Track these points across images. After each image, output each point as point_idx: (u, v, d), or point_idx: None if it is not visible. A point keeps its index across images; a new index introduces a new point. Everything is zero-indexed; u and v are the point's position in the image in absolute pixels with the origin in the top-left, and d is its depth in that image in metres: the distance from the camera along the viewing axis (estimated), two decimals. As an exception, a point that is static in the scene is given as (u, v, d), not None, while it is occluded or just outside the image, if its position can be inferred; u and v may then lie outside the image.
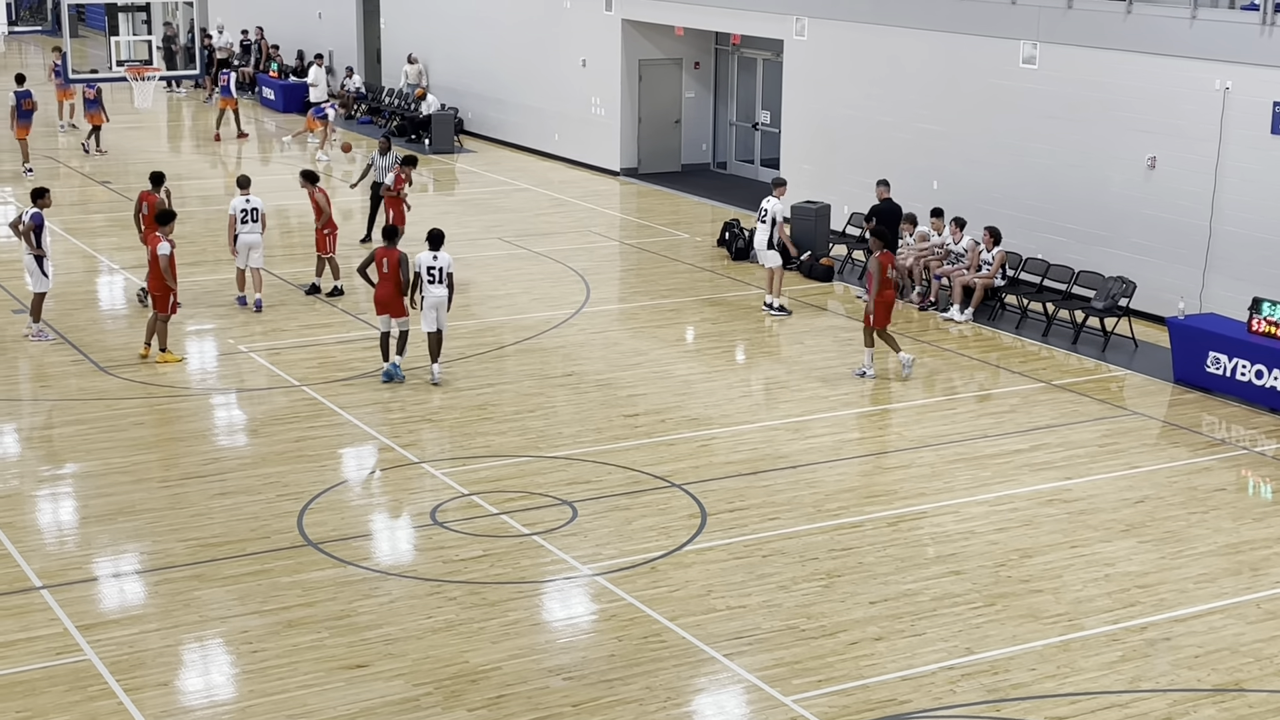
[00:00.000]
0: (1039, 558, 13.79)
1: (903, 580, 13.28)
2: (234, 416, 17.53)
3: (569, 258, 24.76)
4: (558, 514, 14.59)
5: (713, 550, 13.84)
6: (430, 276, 18.05)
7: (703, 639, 12.16)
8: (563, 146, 33.52)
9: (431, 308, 18.11)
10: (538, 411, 17.57)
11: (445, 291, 18.09)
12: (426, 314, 18.17)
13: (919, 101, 24.60)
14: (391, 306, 18.28)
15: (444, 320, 18.33)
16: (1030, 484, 15.56)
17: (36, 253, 19.59)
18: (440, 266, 18.04)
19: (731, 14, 28.71)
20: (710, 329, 21.16)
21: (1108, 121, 21.56)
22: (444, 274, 18.06)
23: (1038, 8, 22.38)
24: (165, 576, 13.17)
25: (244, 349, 19.64)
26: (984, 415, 17.74)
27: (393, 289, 18.20)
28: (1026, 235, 22.46)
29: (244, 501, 14.80)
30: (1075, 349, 20.22)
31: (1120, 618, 12.65)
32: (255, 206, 21.30)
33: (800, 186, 26.65)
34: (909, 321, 21.42)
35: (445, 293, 18.10)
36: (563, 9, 32.87)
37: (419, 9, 37.95)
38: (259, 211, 21.32)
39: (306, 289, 22.35)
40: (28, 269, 19.86)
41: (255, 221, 21.26)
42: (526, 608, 12.73)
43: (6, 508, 14.59)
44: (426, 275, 18.05)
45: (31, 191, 20.27)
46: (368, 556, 13.72)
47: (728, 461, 16.03)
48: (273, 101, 40.75)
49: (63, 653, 11.81)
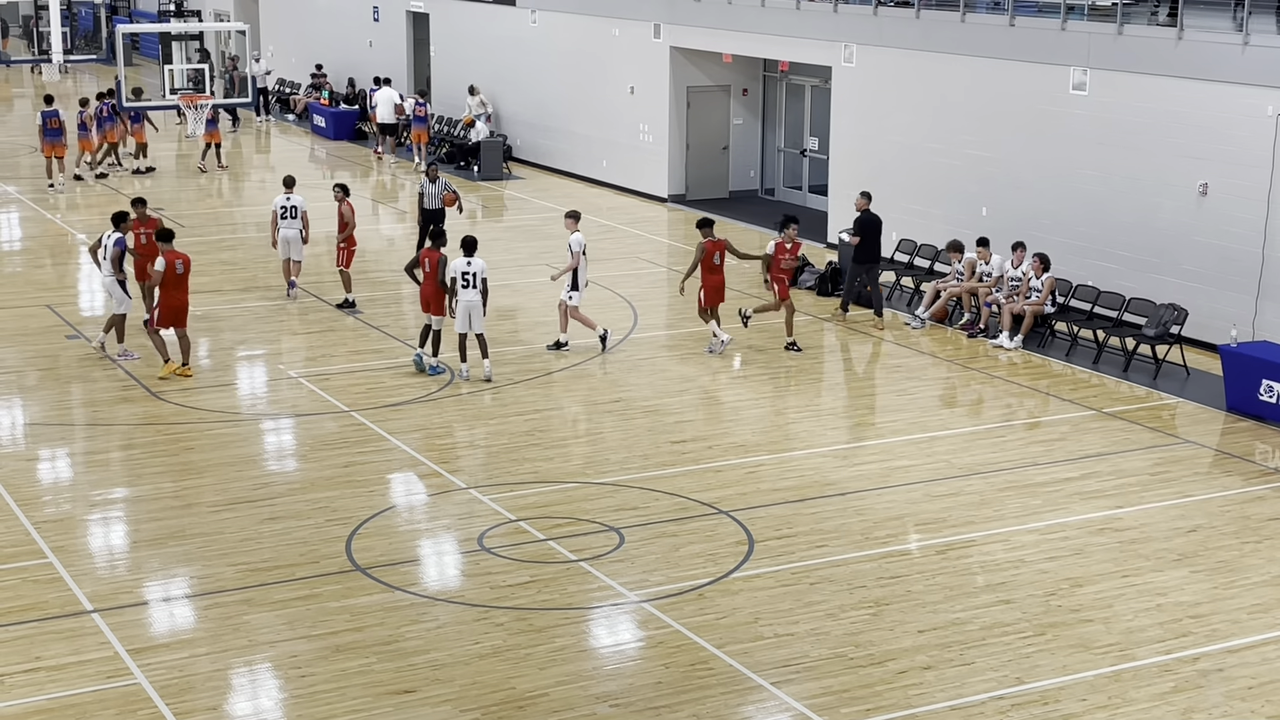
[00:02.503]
0: (1090, 587, 13.67)
1: (952, 609, 13.19)
2: (283, 442, 17.63)
3: (617, 284, 24.79)
4: (605, 540, 14.58)
5: (760, 577, 13.79)
6: (465, 281, 19.01)
7: (750, 667, 12.11)
8: (611, 173, 33.62)
9: (465, 311, 19.05)
10: (585, 437, 17.58)
11: (478, 296, 19.08)
12: (460, 317, 19.11)
13: (968, 128, 24.55)
14: (434, 304, 19.58)
15: (479, 324, 19.24)
16: (1081, 512, 15.44)
17: (119, 276, 20.10)
18: (474, 271, 19.09)
19: (780, 41, 28.74)
20: (757, 355, 21.13)
21: (1158, 148, 21.44)
22: (477, 279, 19.05)
23: (1087, 34, 22.31)
24: (215, 601, 13.25)
25: (294, 374, 19.76)
26: (1034, 443, 17.63)
27: (435, 288, 19.48)
28: (1077, 262, 22.34)
29: (293, 526, 14.87)
30: (1126, 376, 20.08)
31: (1172, 648, 12.53)
32: (295, 204, 23.15)
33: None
34: (958, 348, 21.34)
35: (478, 297, 19.09)
36: (611, 36, 33.00)
37: (469, 37, 38.17)
38: (298, 209, 23.11)
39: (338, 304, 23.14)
40: (108, 290, 20.29)
41: (294, 218, 23.09)
42: (573, 634, 12.73)
43: (59, 532, 14.72)
44: (461, 280, 19.03)
45: (113, 216, 20.82)
46: (416, 582, 13.75)
47: (775, 488, 15.99)
48: (324, 129, 41.04)
49: (113, 676, 11.89)
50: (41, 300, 23.30)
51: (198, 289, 23.58)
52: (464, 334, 19.27)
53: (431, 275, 19.48)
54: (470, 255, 19.12)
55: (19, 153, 37.54)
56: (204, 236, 27.93)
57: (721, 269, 20.86)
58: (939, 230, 24.15)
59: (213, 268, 25.40)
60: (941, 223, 24.24)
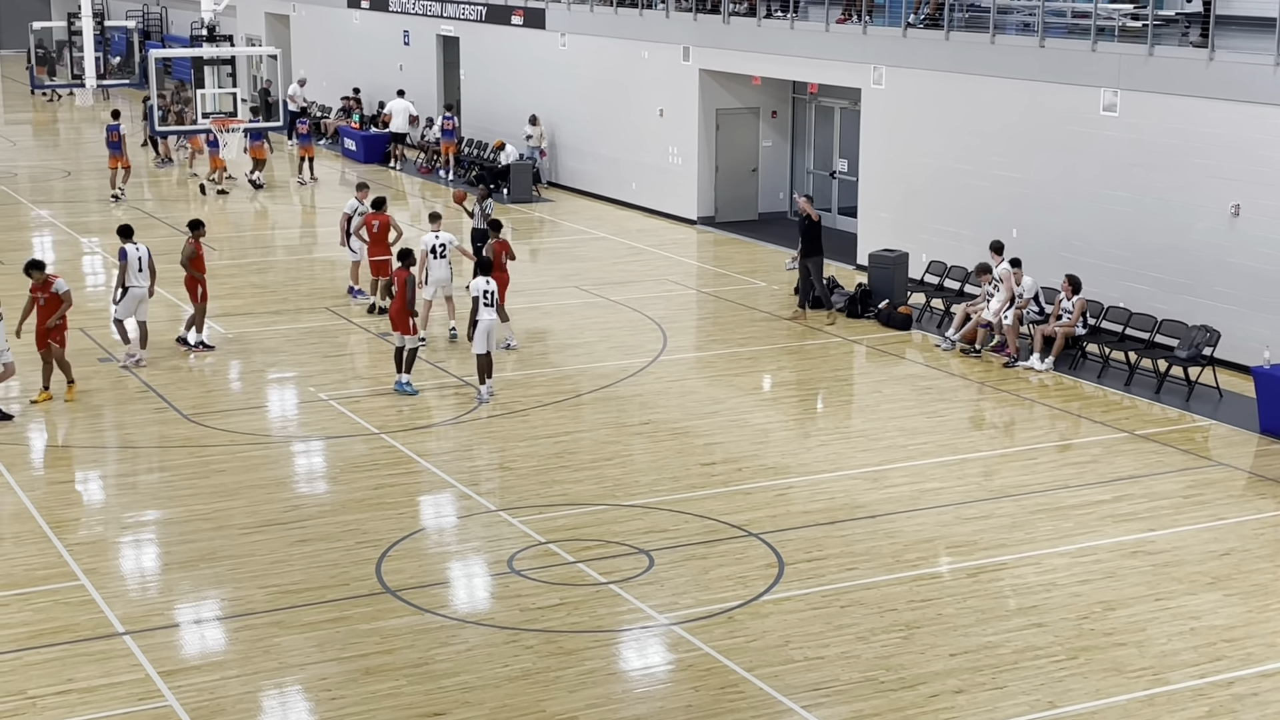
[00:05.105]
0: (1123, 610, 13.59)
1: (983, 632, 13.12)
2: (314, 464, 17.68)
3: (646, 306, 24.81)
4: (634, 563, 14.56)
5: (790, 600, 13.75)
6: (486, 300, 19.21)
7: (780, 690, 12.07)
8: (640, 195, 33.66)
9: (484, 331, 19.23)
10: (615, 460, 17.58)
11: (495, 315, 19.42)
12: (479, 337, 19.25)
13: (997, 149, 24.49)
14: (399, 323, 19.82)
15: (495, 343, 19.65)
16: (1113, 535, 15.35)
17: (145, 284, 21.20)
18: (492, 290, 19.35)
19: (809, 63, 28.75)
20: (787, 377, 21.11)
21: (1190, 169, 21.36)
22: (493, 297, 19.35)
23: (1118, 55, 22.25)
24: (245, 623, 13.27)
25: (324, 397, 19.82)
26: (1066, 465, 17.54)
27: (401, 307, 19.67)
28: (1108, 284, 22.25)
29: (323, 549, 14.90)
30: (1158, 399, 19.97)
31: (1206, 672, 12.43)
32: (445, 241, 22.62)
33: (878, 234, 26.61)
34: (988, 370, 21.27)
35: (496, 316, 19.44)
36: (641, 59, 33.08)
37: (499, 60, 38.31)
38: (448, 246, 22.55)
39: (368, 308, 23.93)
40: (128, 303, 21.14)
41: (443, 256, 22.52)
42: (603, 657, 12.70)
43: (91, 554, 14.78)
44: (483, 299, 19.25)
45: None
46: (445, 604, 13.75)
47: (805, 511, 15.95)
48: (354, 152, 41.22)
49: (145, 698, 11.92)
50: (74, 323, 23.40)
51: (229, 311, 23.71)
52: (482, 354, 19.38)
53: (400, 295, 19.61)
54: (488, 274, 19.50)
55: (51, 177, 37.84)
56: (235, 260, 28.06)
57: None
58: (969, 252, 24.09)
59: (244, 290, 25.51)
60: (972, 244, 24.17)
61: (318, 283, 26.24)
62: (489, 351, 19.41)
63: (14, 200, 34.56)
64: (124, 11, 63.51)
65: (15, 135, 46.42)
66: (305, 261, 28.96)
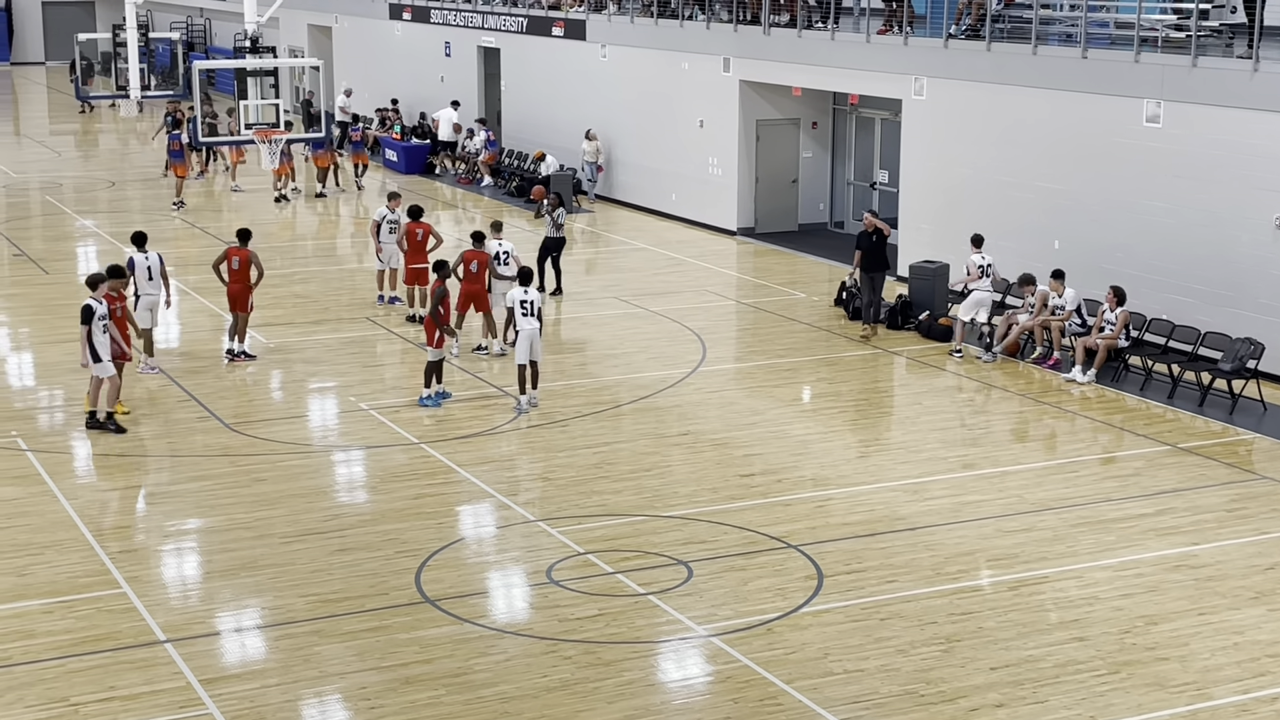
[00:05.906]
0: (1165, 625, 13.48)
1: (1024, 646, 13.05)
2: (354, 473, 17.74)
3: (685, 317, 24.80)
4: (673, 574, 14.54)
5: (830, 612, 13.71)
6: (524, 310, 19.24)
7: (820, 703, 12.02)
8: (680, 206, 33.67)
9: (527, 340, 19.24)
10: (654, 471, 17.57)
11: (538, 324, 19.31)
12: (521, 347, 19.28)
13: (1039, 161, 24.39)
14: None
15: (539, 351, 19.53)
16: (1156, 549, 15.24)
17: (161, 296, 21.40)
18: (532, 300, 19.35)
19: (849, 74, 28.71)
20: (827, 389, 21.06)
21: (1234, 180, 21.21)
22: (534, 307, 19.29)
23: (1161, 66, 22.13)
24: (286, 632, 13.32)
25: (365, 407, 19.89)
26: (1108, 478, 17.43)
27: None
28: (1151, 296, 22.12)
29: (363, 558, 14.95)
30: (1202, 411, 19.83)
31: (1250, 687, 12.32)
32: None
33: (919, 246, 26.53)
34: (1029, 382, 21.16)
35: (538, 325, 19.31)
36: (681, 70, 33.10)
37: (540, 71, 38.42)
38: (510, 255, 22.67)
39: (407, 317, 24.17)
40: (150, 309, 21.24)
41: (506, 263, 22.51)
42: (642, 668, 12.69)
43: (133, 562, 14.87)
44: (520, 309, 19.27)
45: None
46: (484, 614, 13.77)
47: (845, 522, 15.90)
48: (395, 164, 41.40)
49: (185, 706, 11.97)
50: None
51: (270, 321, 23.83)
52: (523, 365, 19.41)
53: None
54: (527, 285, 19.49)
55: (96, 187, 38.15)
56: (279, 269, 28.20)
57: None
58: (1011, 263, 23.98)
59: (285, 300, 25.64)
60: (1013, 255, 24.07)
61: (359, 293, 26.34)
62: (532, 361, 19.43)
63: (59, 210, 34.87)
64: (168, 23, 64.02)
65: (60, 146, 46.84)
66: (346, 271, 29.08)
